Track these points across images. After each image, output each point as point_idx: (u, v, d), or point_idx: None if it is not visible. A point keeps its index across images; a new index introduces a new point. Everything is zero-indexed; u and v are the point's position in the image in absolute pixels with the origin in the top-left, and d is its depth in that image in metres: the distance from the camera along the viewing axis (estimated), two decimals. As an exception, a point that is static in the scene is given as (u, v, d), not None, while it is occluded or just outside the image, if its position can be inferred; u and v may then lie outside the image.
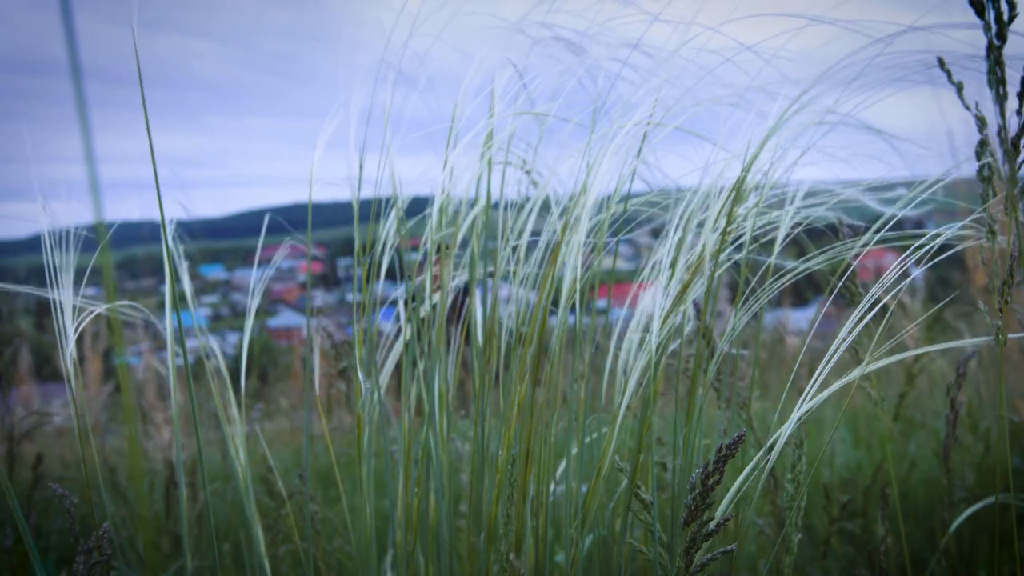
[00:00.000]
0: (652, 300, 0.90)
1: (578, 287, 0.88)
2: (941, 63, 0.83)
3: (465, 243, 1.08)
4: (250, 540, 0.97)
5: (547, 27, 0.95)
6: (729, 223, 0.87)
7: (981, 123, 0.81)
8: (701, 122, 0.93)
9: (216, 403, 1.05)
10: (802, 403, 0.77)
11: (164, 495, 1.92)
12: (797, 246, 1.06)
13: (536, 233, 1.04)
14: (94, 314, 0.95)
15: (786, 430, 0.76)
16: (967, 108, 0.84)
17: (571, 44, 0.96)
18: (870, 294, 0.82)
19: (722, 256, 0.92)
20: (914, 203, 0.92)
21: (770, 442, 0.78)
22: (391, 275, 1.07)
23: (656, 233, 1.02)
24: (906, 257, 0.83)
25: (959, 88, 0.84)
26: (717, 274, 0.89)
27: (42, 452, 1.63)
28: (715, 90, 0.90)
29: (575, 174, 0.92)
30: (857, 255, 1.00)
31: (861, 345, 0.98)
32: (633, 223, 1.07)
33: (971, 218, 0.81)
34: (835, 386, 0.78)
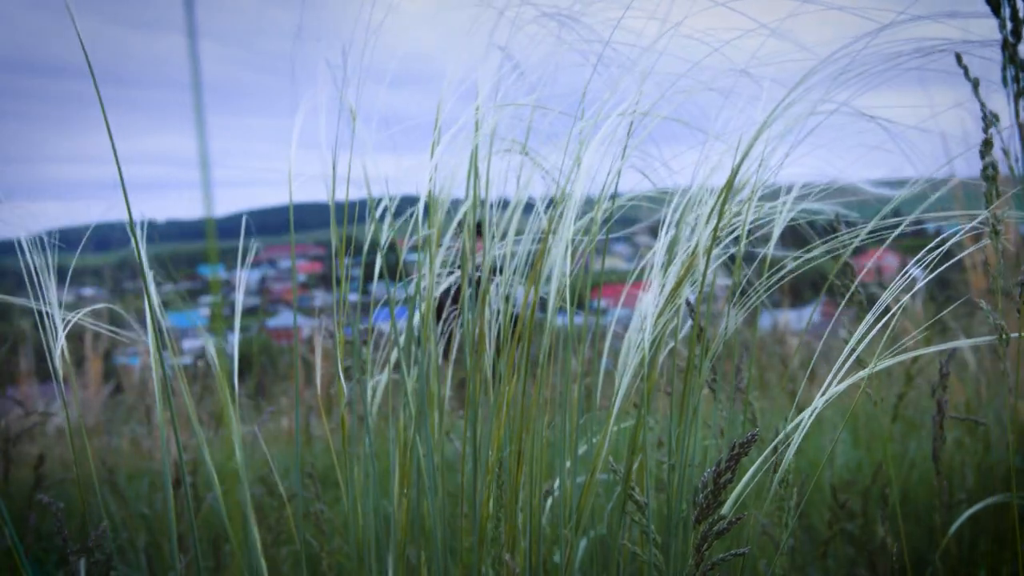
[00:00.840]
0: (646, 299, 0.90)
1: (567, 284, 0.87)
2: (959, 59, 0.83)
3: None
4: (247, 541, 0.97)
5: (531, 4, 0.94)
6: (721, 219, 0.87)
7: (987, 122, 0.80)
8: (690, 112, 0.92)
9: (223, 402, 1.04)
10: (813, 404, 0.77)
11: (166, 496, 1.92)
12: (796, 245, 1.06)
13: (523, 231, 1.03)
14: (75, 317, 0.94)
15: (800, 432, 0.76)
16: (982, 105, 0.83)
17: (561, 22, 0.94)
18: (878, 298, 0.81)
19: (716, 251, 0.92)
20: (904, 196, 0.91)
21: (775, 442, 0.78)
22: (390, 275, 1.07)
23: (652, 231, 1.01)
24: (915, 260, 0.83)
25: (975, 84, 0.83)
26: (711, 270, 0.89)
27: (44, 453, 1.63)
28: (703, 76, 0.89)
29: (560, 168, 0.91)
30: (857, 251, 1.00)
31: (866, 347, 0.97)
32: (621, 220, 1.06)
33: (979, 219, 0.81)
34: (841, 386, 0.78)
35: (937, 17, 0.79)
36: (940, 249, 0.81)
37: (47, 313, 0.90)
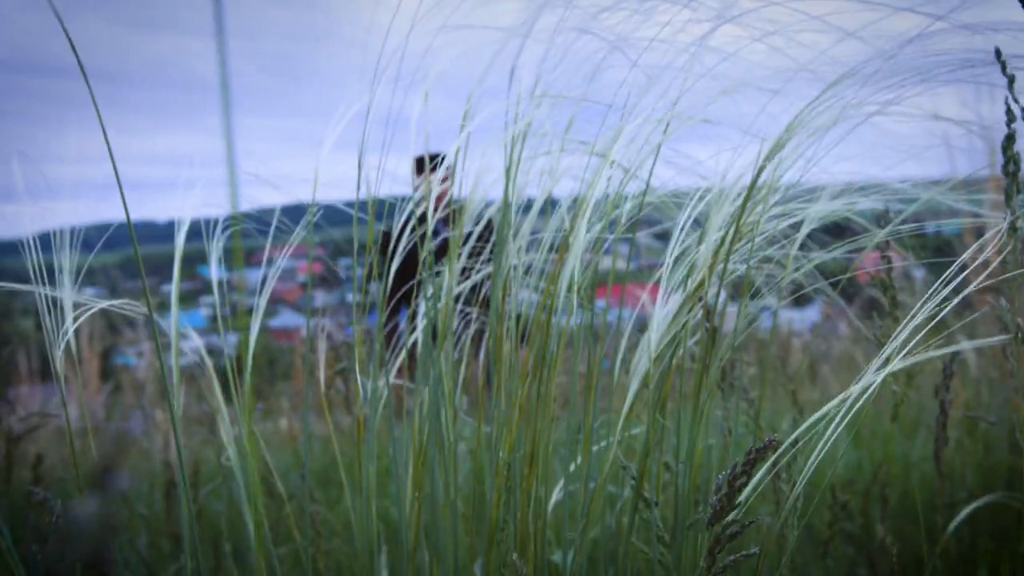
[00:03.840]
0: (660, 305, 0.90)
1: (576, 287, 0.87)
2: (998, 54, 0.82)
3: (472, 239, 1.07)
4: (246, 541, 0.97)
5: (576, 7, 0.93)
6: (738, 230, 0.86)
7: (1010, 117, 0.80)
8: (727, 112, 0.92)
9: (216, 402, 1.04)
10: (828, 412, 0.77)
11: (164, 495, 1.92)
12: (804, 247, 1.06)
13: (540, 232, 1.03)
14: (90, 312, 0.94)
15: (831, 433, 0.75)
16: (1015, 100, 0.83)
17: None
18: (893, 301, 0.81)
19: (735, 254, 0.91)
20: (920, 202, 0.91)
21: (786, 444, 0.78)
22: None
23: (665, 233, 1.01)
24: (945, 278, 0.82)
25: (1010, 80, 0.83)
26: (726, 280, 0.89)
27: (42, 452, 1.62)
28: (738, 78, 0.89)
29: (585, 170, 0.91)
30: (860, 249, 1.00)
31: (871, 349, 0.97)
32: (646, 220, 1.06)
33: (1010, 221, 0.81)
34: (859, 386, 0.78)
35: (973, 28, 0.80)
36: (957, 257, 0.81)
37: (56, 304, 0.89)
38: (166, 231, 1.19)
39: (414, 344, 1.05)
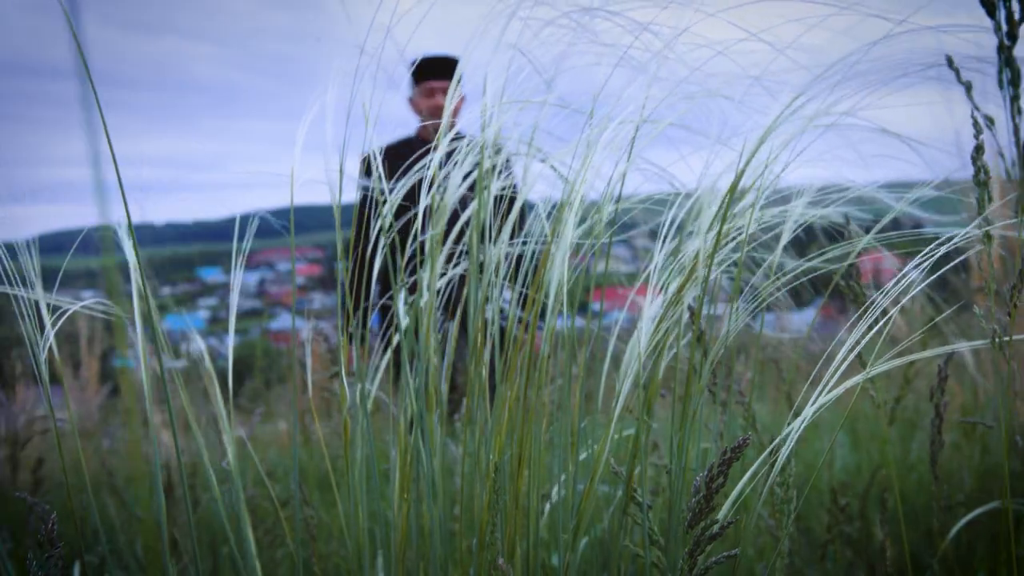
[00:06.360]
0: (646, 306, 0.90)
1: (564, 289, 0.87)
2: (950, 61, 0.83)
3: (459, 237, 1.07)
4: (242, 544, 0.97)
5: (546, 3, 0.93)
6: (723, 223, 0.86)
7: (978, 128, 0.80)
8: (698, 117, 0.92)
9: (211, 405, 1.04)
10: (803, 414, 0.77)
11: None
12: (798, 248, 1.06)
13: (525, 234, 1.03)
14: (67, 314, 0.94)
15: (792, 436, 0.76)
16: (976, 108, 0.83)
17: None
18: (876, 301, 0.81)
19: (719, 256, 0.91)
20: (913, 202, 0.91)
21: (772, 446, 0.78)
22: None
23: (653, 235, 1.01)
24: (914, 264, 0.82)
25: (967, 88, 0.83)
26: (712, 277, 0.89)
27: (43, 456, 1.63)
28: (712, 82, 0.89)
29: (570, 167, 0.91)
30: (860, 255, 1.00)
31: (864, 349, 0.97)
32: (624, 224, 1.06)
33: (974, 225, 0.81)
34: (836, 392, 0.78)
35: (947, 29, 0.79)
36: (936, 252, 0.81)
37: (37, 307, 0.90)
38: (164, 233, 1.19)
39: (399, 345, 1.05)
